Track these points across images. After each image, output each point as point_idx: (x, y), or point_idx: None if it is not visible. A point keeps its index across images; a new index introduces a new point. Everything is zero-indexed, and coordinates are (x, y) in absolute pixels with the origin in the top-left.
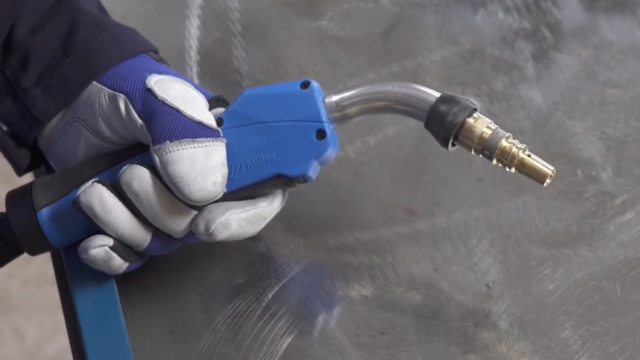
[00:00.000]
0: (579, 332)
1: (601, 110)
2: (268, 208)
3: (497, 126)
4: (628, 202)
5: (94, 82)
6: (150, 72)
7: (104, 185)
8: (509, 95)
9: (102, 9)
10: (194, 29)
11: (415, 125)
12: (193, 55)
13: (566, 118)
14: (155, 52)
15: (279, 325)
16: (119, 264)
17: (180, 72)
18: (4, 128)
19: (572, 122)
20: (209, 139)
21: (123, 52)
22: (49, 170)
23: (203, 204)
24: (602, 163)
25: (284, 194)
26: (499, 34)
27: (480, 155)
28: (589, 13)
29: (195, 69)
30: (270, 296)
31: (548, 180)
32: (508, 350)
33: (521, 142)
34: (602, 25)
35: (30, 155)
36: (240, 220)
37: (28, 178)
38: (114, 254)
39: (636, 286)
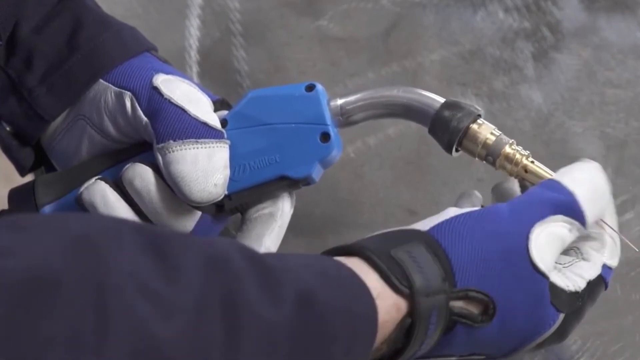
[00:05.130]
0: (579, 332)
1: (601, 110)
2: (285, 217)
3: (500, 132)
4: (628, 202)
5: (100, 80)
6: (157, 72)
7: (106, 182)
8: (509, 95)
9: (97, 5)
10: (194, 29)
11: (416, 126)
12: (193, 55)
13: (566, 118)
14: (156, 50)
15: None
16: None
17: (180, 72)
18: (8, 128)
19: (572, 122)
20: (212, 140)
21: (126, 51)
22: (50, 170)
23: (203, 204)
24: (602, 163)
25: (291, 197)
26: (499, 34)
27: (484, 161)
28: (589, 13)
29: (195, 69)
30: None
31: None
32: None
33: (521, 142)
34: (602, 25)
35: (34, 155)
36: (274, 240)
37: (28, 178)
38: None
39: (636, 286)
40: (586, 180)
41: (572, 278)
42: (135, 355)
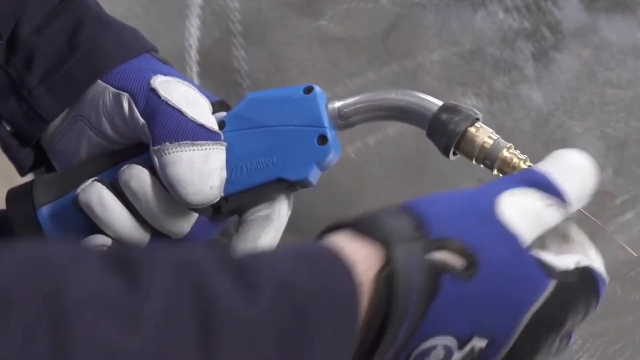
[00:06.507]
0: (579, 332)
1: (601, 110)
2: (282, 220)
3: (498, 136)
4: (628, 202)
5: (99, 81)
6: (155, 73)
7: (103, 184)
8: (509, 95)
9: (98, 6)
10: (194, 29)
11: None
12: (193, 55)
13: (566, 118)
14: (156, 51)
15: None
16: None
17: (180, 72)
18: (8, 128)
19: (572, 122)
20: (209, 142)
21: (126, 52)
22: (50, 170)
23: (200, 206)
24: (602, 163)
25: (288, 199)
26: (499, 34)
27: (481, 165)
28: (589, 13)
29: (195, 69)
30: None
31: None
32: None
33: (521, 142)
34: (602, 25)
35: (34, 155)
36: (270, 242)
37: (28, 178)
38: None
39: (636, 286)
40: (558, 158)
41: (559, 259)
42: None
